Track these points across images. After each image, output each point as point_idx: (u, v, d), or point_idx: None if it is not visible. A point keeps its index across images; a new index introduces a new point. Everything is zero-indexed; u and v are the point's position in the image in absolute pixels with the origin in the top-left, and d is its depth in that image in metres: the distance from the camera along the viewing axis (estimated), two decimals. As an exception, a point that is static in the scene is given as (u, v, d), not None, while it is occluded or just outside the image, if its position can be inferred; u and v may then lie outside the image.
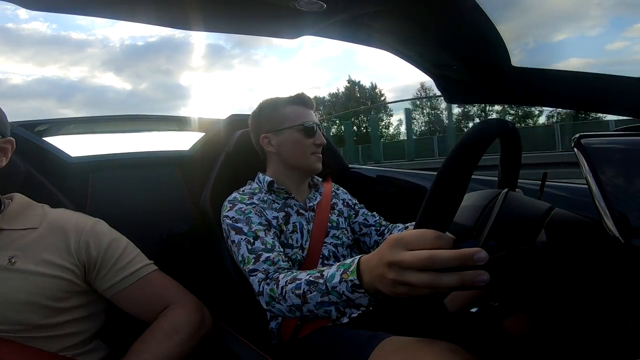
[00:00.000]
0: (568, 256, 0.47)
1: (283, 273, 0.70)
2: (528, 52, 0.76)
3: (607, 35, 1.93)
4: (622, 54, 5.08)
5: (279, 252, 0.79)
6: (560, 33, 0.77)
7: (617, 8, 1.00)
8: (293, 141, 0.94)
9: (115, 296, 0.69)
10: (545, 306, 0.68)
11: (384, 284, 0.45)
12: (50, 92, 67.17)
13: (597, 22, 0.88)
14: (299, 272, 0.67)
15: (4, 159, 0.66)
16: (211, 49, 71.98)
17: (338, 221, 1.00)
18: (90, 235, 0.68)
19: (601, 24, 1.14)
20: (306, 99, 0.98)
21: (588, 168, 0.41)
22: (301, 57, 79.36)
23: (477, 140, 0.45)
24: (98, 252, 0.68)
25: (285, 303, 0.65)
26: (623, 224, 0.38)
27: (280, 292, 0.66)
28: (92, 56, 66.83)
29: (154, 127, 1.46)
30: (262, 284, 0.72)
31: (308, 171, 0.97)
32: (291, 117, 0.95)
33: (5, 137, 0.66)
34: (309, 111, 0.97)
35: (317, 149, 0.95)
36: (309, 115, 0.96)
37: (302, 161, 0.95)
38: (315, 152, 0.95)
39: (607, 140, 0.45)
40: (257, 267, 0.75)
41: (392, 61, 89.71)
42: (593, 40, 1.04)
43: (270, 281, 0.71)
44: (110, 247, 0.70)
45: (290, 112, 0.95)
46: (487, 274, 0.37)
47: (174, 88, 76.27)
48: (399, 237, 0.43)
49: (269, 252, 0.77)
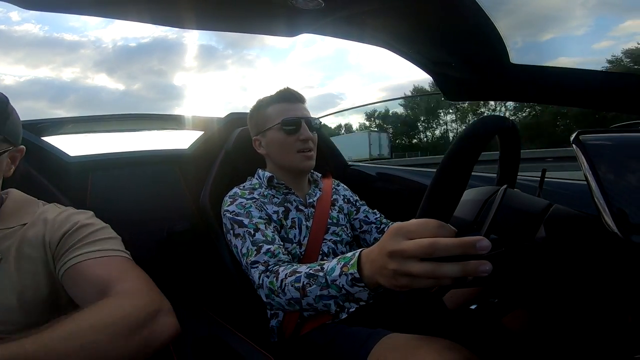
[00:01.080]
0: (567, 252, 0.47)
1: (283, 266, 0.70)
2: (527, 49, 0.76)
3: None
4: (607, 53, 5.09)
5: (279, 244, 0.79)
6: (559, 30, 0.77)
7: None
8: (276, 141, 0.91)
9: (65, 274, 0.58)
10: (545, 303, 0.68)
11: (385, 275, 0.44)
12: (43, 93, 67.29)
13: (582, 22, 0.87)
14: (299, 265, 0.67)
15: (12, 167, 0.65)
16: (204, 49, 72.12)
17: (338, 217, 0.99)
18: (64, 221, 0.64)
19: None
20: (288, 94, 0.94)
21: (587, 164, 0.41)
22: (294, 57, 79.65)
23: (479, 133, 0.45)
24: (65, 233, 0.61)
25: (284, 296, 0.65)
26: (622, 220, 0.38)
27: (280, 285, 0.66)
28: (85, 57, 66.99)
29: (152, 126, 1.45)
30: (262, 277, 0.71)
31: (296, 171, 0.95)
32: (272, 117, 0.92)
33: (17, 146, 0.65)
34: (293, 106, 0.93)
35: (303, 145, 0.90)
36: (294, 110, 0.92)
37: (288, 161, 0.92)
38: (302, 149, 0.91)
39: (605, 137, 0.45)
40: (257, 259, 0.75)
41: (385, 60, 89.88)
42: (579, 39, 1.03)
43: (270, 274, 0.70)
44: (81, 228, 0.63)
45: (271, 111, 0.92)
46: (489, 264, 0.36)
47: (168, 88, 76.46)
48: (400, 226, 0.42)
49: (270, 244, 0.77)
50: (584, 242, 0.47)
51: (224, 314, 0.85)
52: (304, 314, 0.83)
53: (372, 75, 61.22)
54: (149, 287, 0.59)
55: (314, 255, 0.89)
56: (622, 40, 8.04)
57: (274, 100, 0.93)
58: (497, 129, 0.54)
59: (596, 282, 0.48)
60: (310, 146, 0.92)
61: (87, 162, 1.09)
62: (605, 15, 4.48)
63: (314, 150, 0.94)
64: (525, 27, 0.76)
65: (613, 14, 4.97)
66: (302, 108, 0.94)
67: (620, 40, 8.36)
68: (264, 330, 0.86)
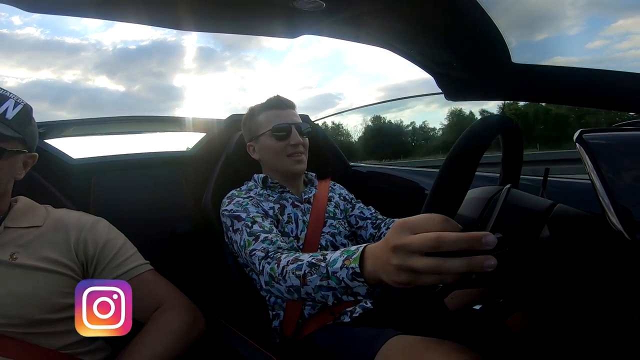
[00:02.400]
0: (572, 252, 0.47)
1: (285, 253, 0.70)
2: (528, 49, 0.76)
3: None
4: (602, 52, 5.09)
5: (276, 234, 0.80)
6: (559, 30, 0.77)
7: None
8: (268, 146, 0.95)
9: None
10: (550, 302, 0.68)
11: (388, 271, 0.43)
12: (44, 94, 68.04)
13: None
14: (301, 254, 0.66)
15: (23, 172, 0.69)
16: (202, 52, 72.87)
17: (335, 212, 1.01)
18: (89, 233, 0.70)
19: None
20: (278, 102, 0.97)
21: (591, 163, 0.41)
22: (291, 58, 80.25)
23: (483, 131, 0.45)
24: (95, 250, 0.69)
25: (284, 283, 0.64)
26: (627, 218, 0.38)
27: (281, 272, 0.65)
28: (85, 60, 67.75)
29: (155, 128, 1.46)
30: (262, 263, 0.71)
31: (288, 175, 0.98)
32: (263, 124, 0.96)
33: (31, 151, 0.69)
34: (284, 112, 0.96)
35: (293, 149, 0.94)
36: (283, 117, 0.95)
37: (279, 165, 0.96)
38: (292, 153, 0.94)
39: (609, 136, 0.45)
40: (256, 247, 0.75)
41: (382, 61, 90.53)
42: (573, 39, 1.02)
43: (271, 260, 0.70)
44: (107, 245, 0.71)
45: (262, 118, 0.96)
46: (494, 259, 0.35)
47: (168, 89, 77.19)
48: (405, 220, 0.42)
49: (268, 234, 0.78)
50: (589, 241, 0.47)
51: (226, 315, 0.85)
52: (305, 314, 0.83)
53: (369, 75, 61.85)
54: (177, 293, 0.75)
55: (313, 248, 0.90)
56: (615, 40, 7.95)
57: (264, 107, 0.98)
58: (501, 128, 0.54)
59: (601, 282, 0.47)
60: (300, 150, 0.95)
61: (90, 165, 1.09)
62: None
63: (305, 154, 0.97)
64: (525, 26, 0.76)
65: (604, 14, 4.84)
66: (292, 114, 0.98)
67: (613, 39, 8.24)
68: (267, 331, 0.86)
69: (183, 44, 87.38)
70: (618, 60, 1.01)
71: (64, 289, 0.64)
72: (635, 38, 3.46)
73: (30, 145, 0.68)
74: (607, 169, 0.40)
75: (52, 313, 0.62)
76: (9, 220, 0.66)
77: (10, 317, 0.58)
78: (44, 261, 0.64)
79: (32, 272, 0.62)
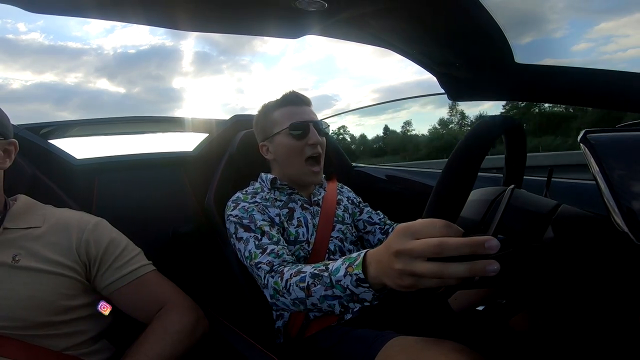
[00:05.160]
0: (576, 253, 0.46)
1: (288, 266, 0.70)
2: (531, 49, 0.75)
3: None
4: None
5: (283, 245, 0.79)
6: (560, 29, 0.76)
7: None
8: (285, 146, 0.89)
9: (112, 295, 0.70)
10: (554, 304, 0.67)
11: (390, 276, 0.43)
12: (48, 96, 68.53)
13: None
14: (304, 265, 0.67)
15: (7, 161, 0.66)
16: (199, 56, 73.11)
17: (344, 216, 0.99)
18: (91, 234, 0.69)
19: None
20: (295, 97, 0.91)
21: (596, 164, 0.41)
22: (285, 62, 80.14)
23: (486, 133, 0.45)
24: (98, 251, 0.69)
25: (289, 296, 0.64)
26: (632, 220, 0.38)
27: (285, 285, 0.65)
28: (87, 64, 68.22)
29: (157, 128, 1.47)
30: (266, 277, 0.71)
31: (304, 185, 0.94)
32: (279, 121, 0.89)
33: (7, 139, 0.67)
34: (300, 109, 0.90)
35: (312, 150, 0.88)
36: (300, 114, 0.89)
37: (294, 170, 0.90)
38: (311, 154, 0.88)
39: (614, 136, 0.44)
40: (262, 259, 0.75)
41: (374, 64, 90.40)
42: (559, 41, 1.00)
43: (275, 274, 0.70)
44: (110, 245, 0.71)
45: (277, 115, 0.90)
46: (497, 264, 0.35)
47: (167, 91, 77.41)
48: (407, 225, 0.42)
49: (275, 245, 0.77)
50: (593, 242, 0.46)
51: (229, 315, 0.85)
52: (310, 315, 0.83)
53: (363, 77, 61.81)
54: (180, 293, 0.76)
55: (322, 252, 0.88)
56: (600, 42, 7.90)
57: (280, 104, 0.91)
58: (504, 128, 0.53)
59: (606, 283, 0.47)
60: (319, 151, 0.89)
61: (93, 165, 1.10)
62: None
63: (322, 156, 0.91)
64: (526, 25, 0.76)
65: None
66: (309, 111, 0.92)
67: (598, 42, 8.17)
68: (270, 331, 0.86)
69: (181, 48, 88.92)
70: (607, 62, 1.00)
71: (68, 291, 0.64)
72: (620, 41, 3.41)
73: (2, 132, 0.65)
74: (612, 169, 0.40)
75: (56, 315, 0.62)
76: (9, 221, 0.65)
77: (14, 320, 0.58)
78: (46, 263, 0.63)
79: (36, 274, 0.61)
